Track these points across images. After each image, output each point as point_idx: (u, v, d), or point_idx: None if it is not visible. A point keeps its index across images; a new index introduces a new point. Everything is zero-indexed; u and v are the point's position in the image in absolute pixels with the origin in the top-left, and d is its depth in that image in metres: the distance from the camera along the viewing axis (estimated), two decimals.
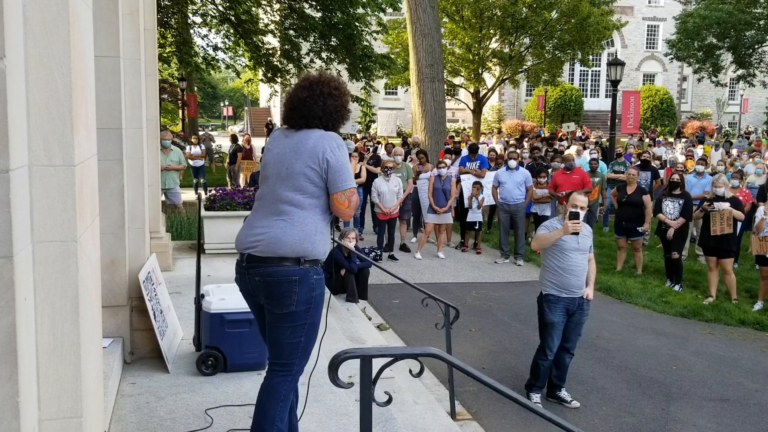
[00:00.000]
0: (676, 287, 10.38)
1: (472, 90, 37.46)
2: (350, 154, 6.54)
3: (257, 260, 3.28)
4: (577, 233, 5.97)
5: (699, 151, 20.67)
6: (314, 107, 3.33)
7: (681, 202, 10.29)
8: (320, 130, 3.36)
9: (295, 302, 3.26)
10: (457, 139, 24.75)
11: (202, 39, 28.93)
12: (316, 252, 3.31)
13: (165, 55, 25.39)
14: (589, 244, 6.19)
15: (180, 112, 35.52)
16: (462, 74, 36.97)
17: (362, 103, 24.49)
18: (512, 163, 12.17)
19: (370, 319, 8.22)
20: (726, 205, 9.48)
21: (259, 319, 3.51)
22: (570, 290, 6.08)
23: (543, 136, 29.21)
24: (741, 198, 10.67)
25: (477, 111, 37.85)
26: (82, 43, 2.42)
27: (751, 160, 16.31)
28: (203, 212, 8.93)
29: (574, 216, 5.91)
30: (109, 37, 4.67)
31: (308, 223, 3.30)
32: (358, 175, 12.85)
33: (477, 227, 12.84)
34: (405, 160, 14.14)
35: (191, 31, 26.55)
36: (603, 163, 14.87)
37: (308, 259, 3.28)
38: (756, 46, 34.79)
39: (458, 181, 12.90)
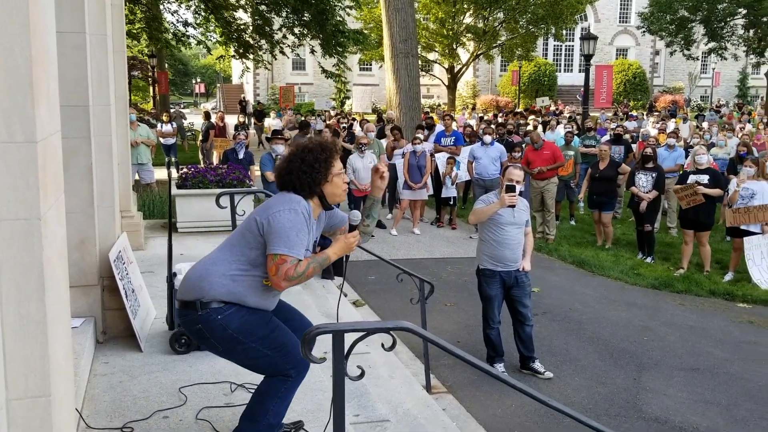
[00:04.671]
0: (648, 259, 10.52)
1: (446, 65, 37.42)
2: (320, 131, 6.49)
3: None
4: (513, 206, 6.04)
5: (671, 124, 20.86)
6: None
7: (653, 175, 10.39)
8: (287, 193, 3.25)
9: (216, 343, 3.20)
10: (431, 114, 24.72)
11: (172, 15, 28.52)
12: (212, 293, 3.12)
13: (134, 31, 25.01)
14: (525, 218, 6.30)
15: (151, 89, 35.06)
16: (436, 49, 36.89)
17: (336, 79, 24.32)
18: (487, 138, 12.19)
19: (345, 295, 8.23)
20: (705, 179, 9.52)
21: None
22: (505, 263, 6.21)
23: (515, 111, 29.28)
24: None
25: (452, 87, 37.84)
26: (43, 17, 2.36)
27: (722, 133, 16.47)
28: (175, 190, 8.85)
29: (511, 189, 5.98)
30: (73, 12, 4.58)
31: (220, 263, 3.19)
32: None
33: (452, 203, 12.88)
34: (382, 137, 14.09)
35: (161, 6, 26.13)
36: (576, 137, 14.93)
37: (205, 301, 3.12)
38: (728, 19, 35.04)
39: (432, 156, 12.89)
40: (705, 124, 20.94)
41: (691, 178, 9.66)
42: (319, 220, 3.41)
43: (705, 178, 9.59)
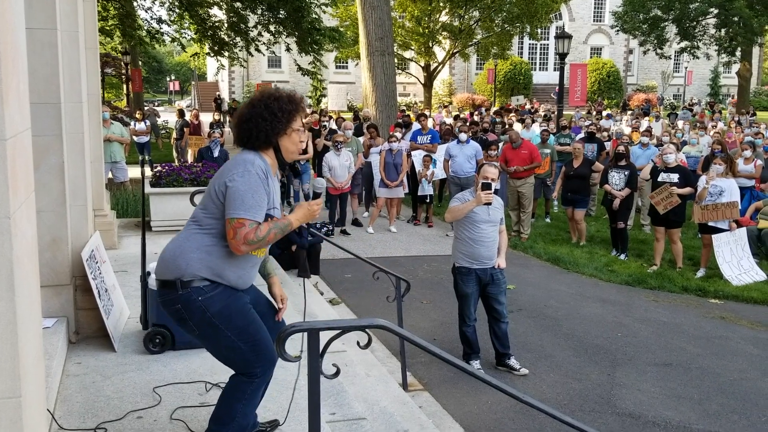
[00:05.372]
0: (622, 256, 10.62)
1: (422, 64, 37.46)
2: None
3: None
4: (489, 204, 6.09)
5: (644, 123, 21.08)
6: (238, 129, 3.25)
7: (626, 173, 10.49)
8: (246, 151, 3.19)
9: (194, 326, 3.15)
10: (408, 113, 24.74)
11: (146, 11, 28.28)
12: (191, 270, 3.09)
13: (107, 28, 24.74)
14: (500, 216, 6.35)
15: (124, 87, 34.71)
16: (412, 48, 36.92)
17: (313, 77, 24.24)
18: (463, 136, 12.23)
19: (322, 294, 8.21)
20: (675, 178, 9.62)
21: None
22: (481, 261, 6.24)
23: (497, 110, 29.41)
24: None
25: (428, 85, 37.90)
26: (12, 13, 2.33)
27: (694, 131, 16.68)
28: (149, 189, 8.77)
29: (486, 187, 6.01)
30: (44, 8, 4.51)
31: (192, 239, 3.16)
32: (305, 151, 12.84)
33: (428, 201, 12.91)
34: (359, 135, 14.11)
35: (134, 3, 25.86)
36: (552, 135, 15.01)
37: (186, 280, 3.08)
38: (700, 18, 35.46)
39: (409, 155, 12.91)
40: (680, 123, 21.17)
41: (662, 177, 9.76)
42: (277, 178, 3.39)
43: (675, 177, 9.70)
